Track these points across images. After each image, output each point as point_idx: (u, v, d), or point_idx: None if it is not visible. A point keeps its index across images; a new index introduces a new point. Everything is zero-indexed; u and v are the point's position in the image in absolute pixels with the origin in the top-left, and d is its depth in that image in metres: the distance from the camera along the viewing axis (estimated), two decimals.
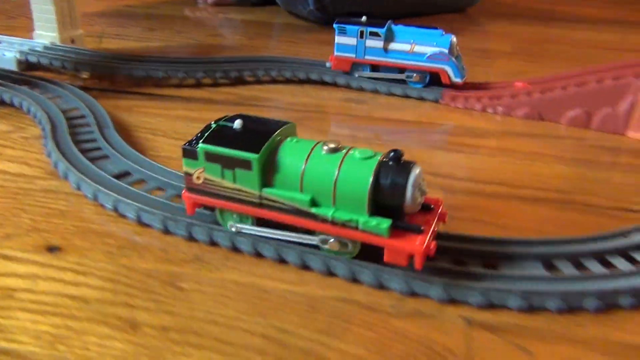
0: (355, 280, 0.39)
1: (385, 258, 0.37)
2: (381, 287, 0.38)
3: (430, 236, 0.36)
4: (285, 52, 0.90)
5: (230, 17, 1.20)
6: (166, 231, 0.43)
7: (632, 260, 0.40)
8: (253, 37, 1.04)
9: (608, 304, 0.37)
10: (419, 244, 0.35)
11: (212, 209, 0.42)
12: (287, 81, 0.78)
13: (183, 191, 0.41)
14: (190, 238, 0.42)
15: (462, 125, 0.66)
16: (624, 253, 0.41)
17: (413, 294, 0.37)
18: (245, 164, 0.37)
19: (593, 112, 0.65)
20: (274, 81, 0.78)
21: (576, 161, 0.59)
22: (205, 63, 0.78)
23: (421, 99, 0.73)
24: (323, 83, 0.77)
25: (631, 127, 0.64)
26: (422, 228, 0.36)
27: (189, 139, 0.39)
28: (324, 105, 0.71)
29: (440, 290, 0.37)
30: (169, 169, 0.50)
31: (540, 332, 0.35)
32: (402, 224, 0.37)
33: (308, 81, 0.78)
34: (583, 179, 0.55)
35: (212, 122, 0.40)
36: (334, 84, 0.76)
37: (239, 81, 0.77)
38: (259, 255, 0.41)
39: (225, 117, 0.41)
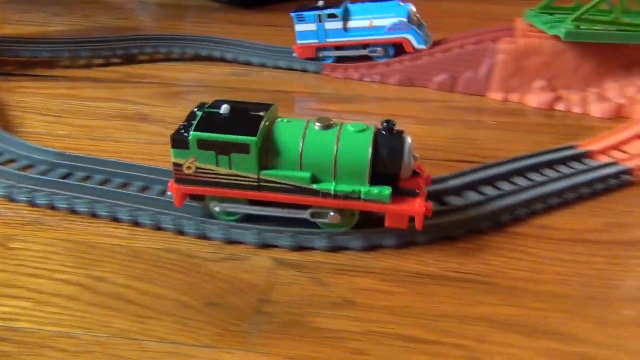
0: (181, 232, 0.41)
1: (387, 223, 0.39)
2: (204, 237, 0.41)
3: (424, 198, 0.38)
4: (192, 32, 0.91)
5: (145, 0, 1.20)
6: (10, 198, 0.44)
7: (441, 202, 0.45)
8: (162, 19, 1.05)
9: (406, 242, 0.40)
10: (419, 206, 0.37)
11: (201, 198, 0.41)
12: (180, 59, 0.80)
13: (170, 183, 0.40)
14: (32, 204, 0.44)
15: (336, 93, 0.70)
16: (436, 197, 0.45)
17: (232, 242, 0.41)
18: (243, 148, 0.37)
19: (458, 76, 0.69)
20: (167, 59, 0.80)
21: (435, 121, 0.63)
22: (93, 42, 0.78)
23: (304, 70, 0.75)
24: (212, 59, 0.79)
25: (491, 88, 0.68)
26: (417, 191, 0.38)
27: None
28: (209, 80, 0.73)
29: (254, 236, 0.40)
30: (25, 142, 0.51)
31: (341, 267, 0.39)
32: (401, 190, 0.38)
33: (198, 58, 0.79)
34: (435, 136, 0.59)
35: (197, 110, 0.39)
36: (223, 60, 0.78)
37: (130, 60, 0.78)
38: (95, 215, 0.43)
39: (205, 103, 0.40)
